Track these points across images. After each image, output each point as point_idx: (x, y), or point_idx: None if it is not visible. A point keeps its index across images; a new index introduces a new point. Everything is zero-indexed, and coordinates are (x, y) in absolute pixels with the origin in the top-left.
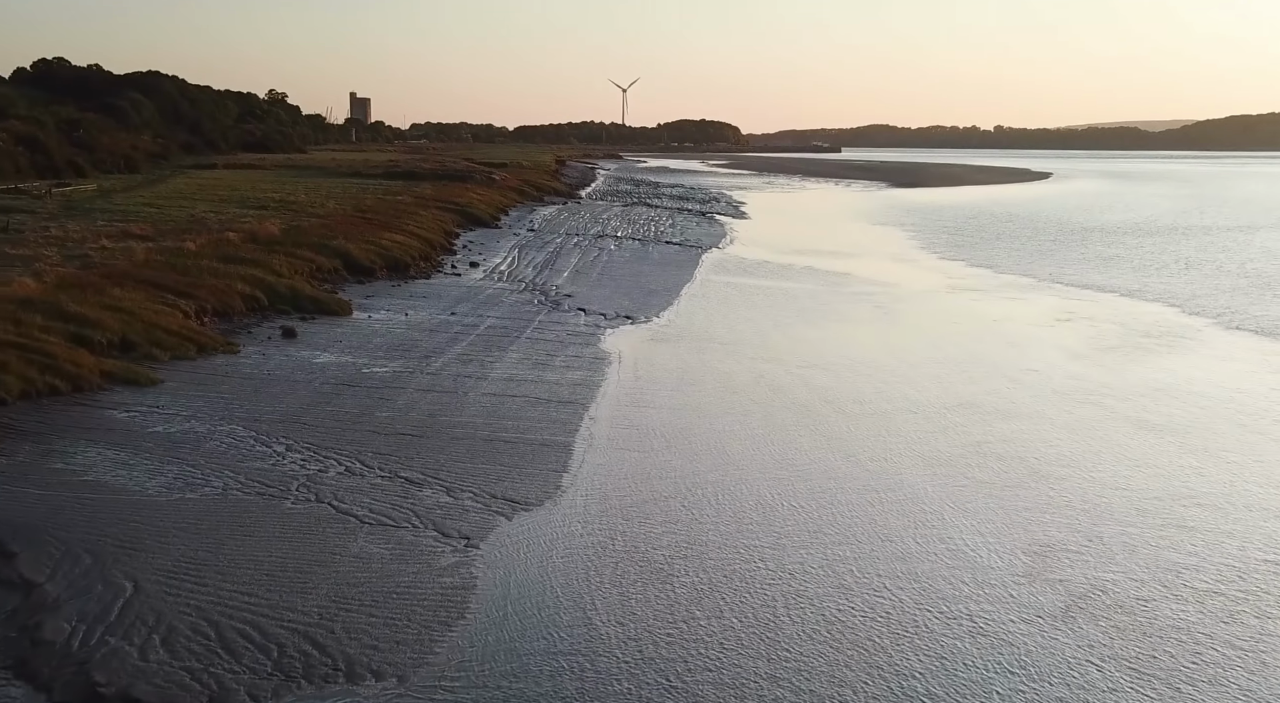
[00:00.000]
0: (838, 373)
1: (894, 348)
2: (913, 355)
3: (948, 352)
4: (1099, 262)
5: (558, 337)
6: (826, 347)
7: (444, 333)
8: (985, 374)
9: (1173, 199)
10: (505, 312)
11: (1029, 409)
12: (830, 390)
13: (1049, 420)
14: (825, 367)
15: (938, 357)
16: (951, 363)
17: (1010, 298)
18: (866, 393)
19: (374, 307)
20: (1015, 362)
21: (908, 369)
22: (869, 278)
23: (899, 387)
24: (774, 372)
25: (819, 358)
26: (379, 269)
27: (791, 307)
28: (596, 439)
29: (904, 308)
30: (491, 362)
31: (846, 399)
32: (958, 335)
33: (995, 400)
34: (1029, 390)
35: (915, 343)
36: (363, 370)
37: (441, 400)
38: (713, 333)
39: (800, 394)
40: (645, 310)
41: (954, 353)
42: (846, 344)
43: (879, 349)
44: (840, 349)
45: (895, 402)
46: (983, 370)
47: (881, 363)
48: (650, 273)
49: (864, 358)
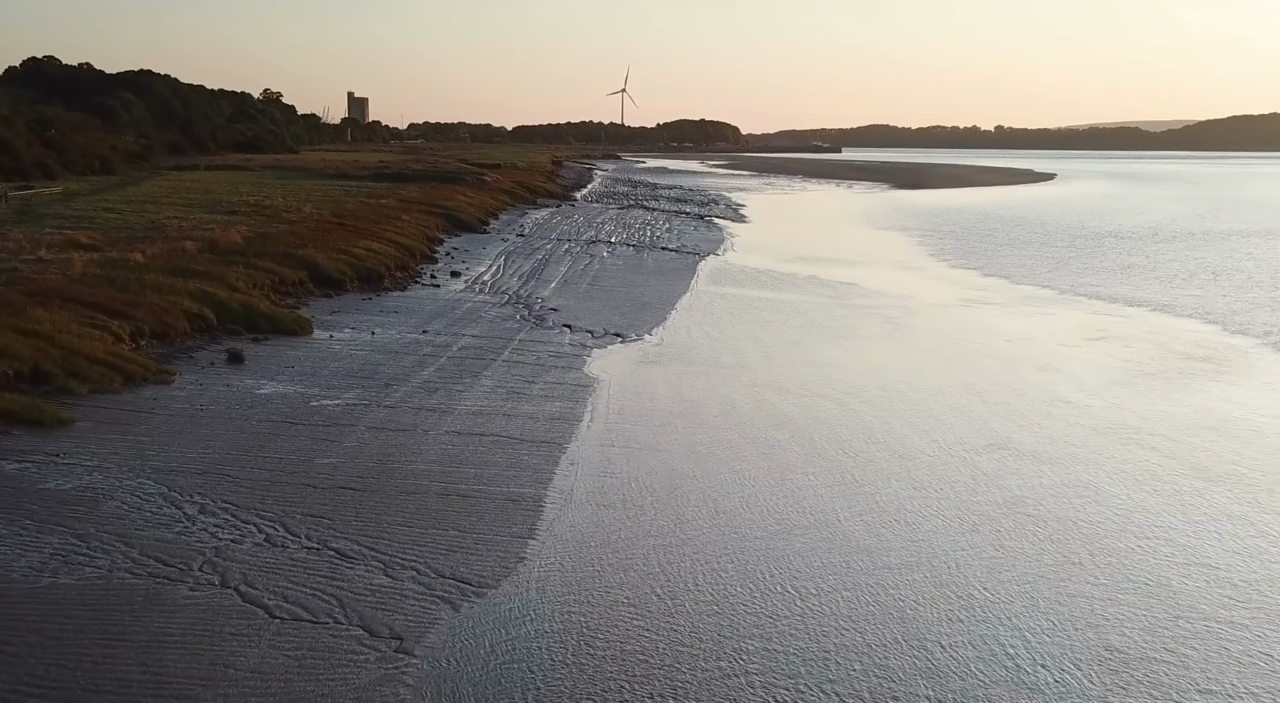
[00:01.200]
0: (848, 404)
1: (909, 372)
2: (930, 381)
3: (969, 377)
4: (1120, 271)
5: (538, 359)
6: (834, 370)
7: (411, 355)
8: (1014, 406)
9: (1182, 201)
10: (484, 329)
11: (1069, 452)
12: (840, 427)
13: (1095, 467)
14: (833, 395)
15: (958, 383)
16: (974, 391)
17: (1031, 313)
18: (881, 430)
19: (338, 324)
20: (1046, 390)
21: (926, 399)
22: (876, 289)
23: (917, 422)
24: (776, 402)
25: (826, 384)
26: (349, 281)
27: (795, 322)
28: (572, 492)
29: (916, 324)
30: (460, 391)
31: (859, 438)
32: (978, 357)
33: (1029, 440)
34: (1066, 427)
35: (932, 366)
36: (311, 404)
37: (396, 442)
38: (710, 353)
39: (806, 432)
40: (637, 327)
41: (976, 379)
42: (856, 367)
43: (892, 373)
44: (849, 373)
45: (914, 441)
46: (1011, 401)
47: (896, 390)
48: (644, 283)
49: (876, 384)
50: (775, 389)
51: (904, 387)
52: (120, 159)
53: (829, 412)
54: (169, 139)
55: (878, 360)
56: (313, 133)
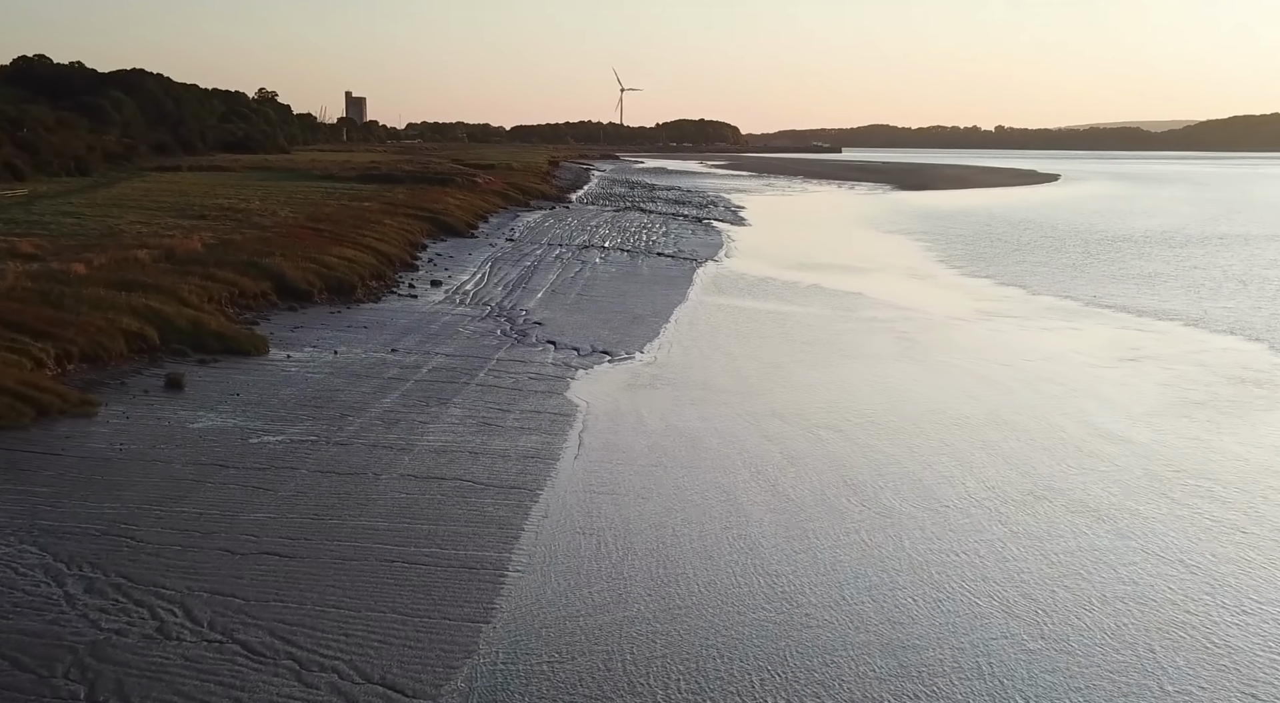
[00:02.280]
0: (859, 439)
1: (927, 399)
2: (953, 410)
3: (995, 405)
4: (1142, 280)
5: (516, 382)
6: (844, 396)
7: (375, 378)
8: (1050, 442)
9: (1193, 203)
10: (459, 347)
11: (1124, 504)
12: (852, 470)
13: (1157, 525)
14: (845, 428)
15: (984, 414)
16: (1004, 424)
17: (1054, 328)
18: (899, 474)
19: (298, 342)
20: (1084, 421)
21: (948, 433)
22: (885, 299)
23: (940, 463)
24: (779, 435)
25: (836, 413)
26: (317, 292)
27: (798, 337)
28: (539, 556)
29: (931, 340)
30: (424, 423)
31: (874, 484)
32: (1002, 380)
33: (1073, 487)
34: (1114, 470)
35: (951, 391)
36: (250, 441)
37: (341, 489)
38: (706, 375)
39: (814, 477)
40: (627, 343)
41: (1003, 407)
42: (867, 392)
43: (908, 400)
44: (862, 400)
45: (939, 489)
46: (1045, 436)
47: (915, 421)
48: (637, 293)
49: (891, 415)
50: (778, 419)
51: (923, 417)
52: (98, 159)
53: (839, 450)
54: (154, 139)
55: (891, 384)
56: (307, 133)
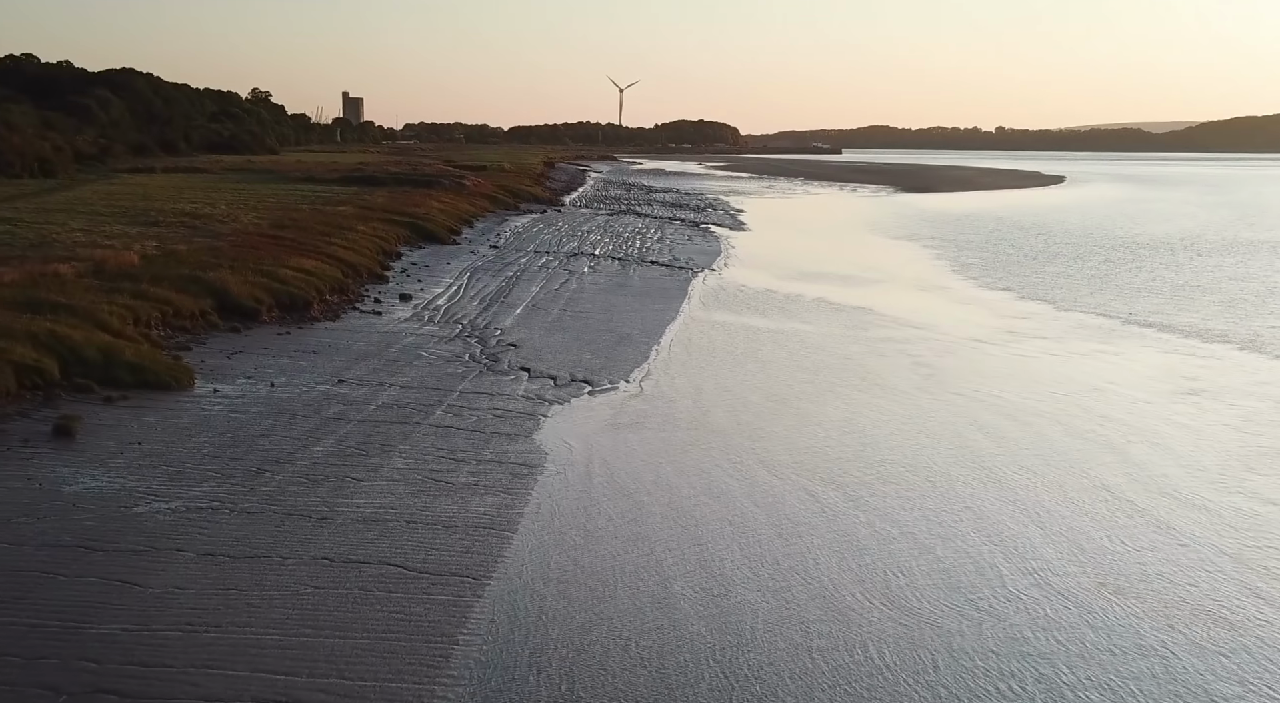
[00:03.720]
0: (874, 505)
1: (952, 446)
2: (982, 462)
3: (1033, 455)
4: (1176, 293)
5: (478, 421)
6: (854, 442)
7: (311, 418)
8: (1107, 511)
9: (1206, 207)
10: (418, 375)
11: (1212, 608)
12: (863, 553)
13: (1260, 647)
14: (854, 487)
15: (1020, 467)
16: (1046, 483)
17: (1091, 352)
18: (920, 558)
19: (232, 371)
20: (1153, 480)
21: (979, 495)
22: (897, 316)
23: (973, 539)
24: (788, 500)
25: (851, 465)
26: (265, 310)
27: (803, 363)
28: (475, 691)
29: (952, 368)
30: (358, 480)
31: (889, 574)
32: (1040, 422)
33: (1158, 575)
34: (1208, 552)
35: (981, 437)
36: (135, 510)
37: (231, 581)
38: (698, 411)
39: (816, 562)
40: (611, 369)
41: (1042, 458)
42: (882, 436)
43: (935, 450)
44: (874, 447)
45: (972, 581)
46: (1101, 502)
47: (937, 479)
48: (626, 308)
49: (911, 467)
50: (780, 471)
51: (946, 473)
52: (67, 161)
53: (847, 522)
54: (133, 140)
55: (908, 426)
56: (300, 133)
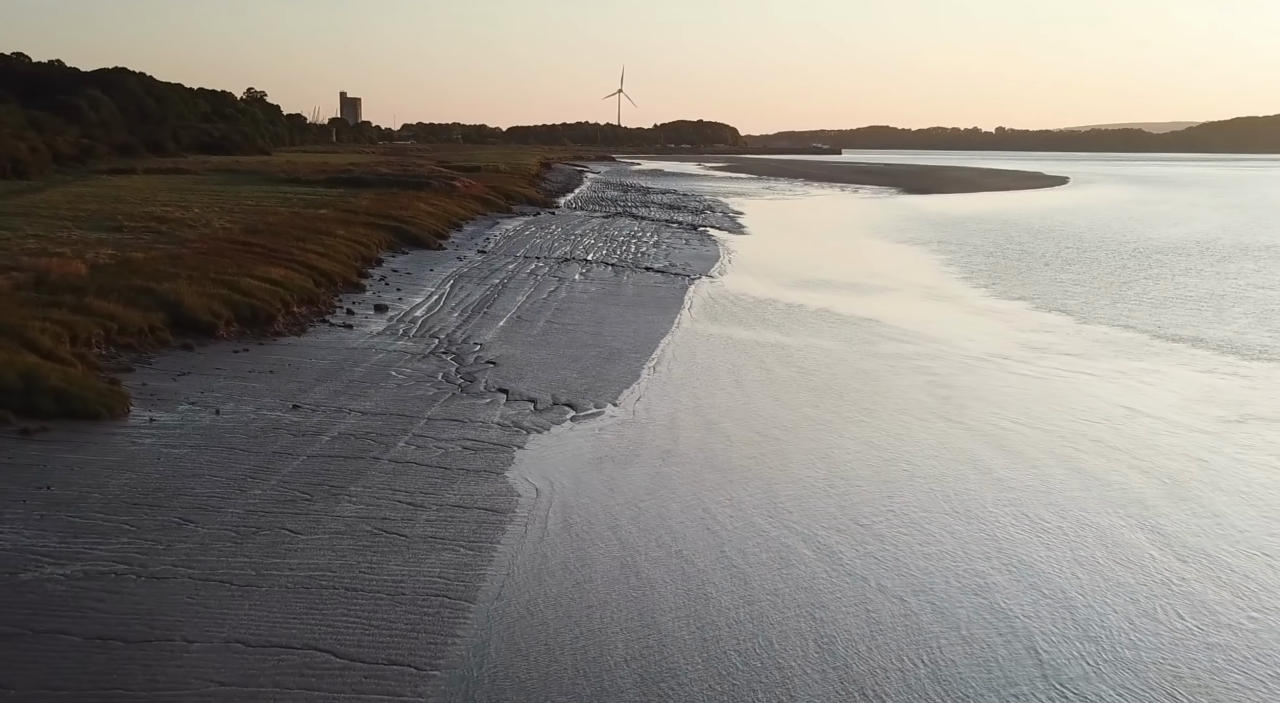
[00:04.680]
0: (885, 583)
1: (988, 490)
2: (1028, 511)
3: (1072, 504)
4: (1203, 303)
5: (444, 455)
6: (863, 482)
7: (255, 453)
8: (1191, 576)
9: (1216, 209)
10: (384, 399)
11: None
12: (912, 648)
13: None
14: (880, 540)
15: (1058, 519)
16: (1092, 539)
17: (1123, 372)
18: (968, 654)
19: (176, 396)
20: (1213, 534)
21: (1032, 556)
22: (907, 328)
23: (1044, 627)
24: (792, 559)
25: (866, 509)
26: (224, 324)
27: (809, 383)
28: None
29: (971, 389)
30: (295, 533)
31: (930, 673)
32: (1078, 457)
33: (1266, 679)
34: None
35: (1017, 475)
36: (22, 576)
37: (115, 676)
38: (694, 441)
39: (863, 665)
40: (598, 390)
41: (1083, 508)
42: (896, 474)
43: (964, 494)
44: (886, 488)
45: (1058, 692)
46: (1163, 562)
47: (967, 540)
48: (617, 319)
49: (932, 518)
50: (794, 527)
51: (990, 523)
52: (43, 162)
53: (877, 595)
54: (118, 139)
55: (926, 462)
56: (295, 134)
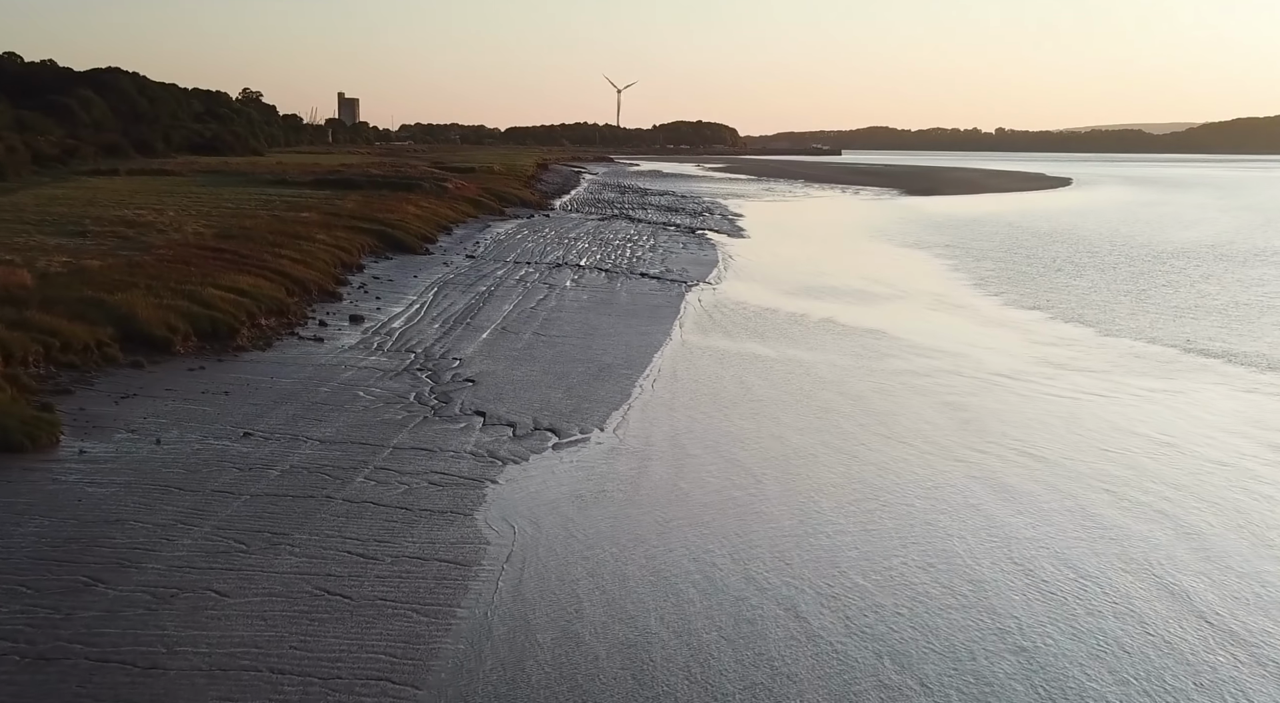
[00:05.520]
0: (924, 621)
1: (1008, 545)
2: (1080, 566)
3: (1131, 556)
4: (1229, 313)
5: (407, 493)
6: (875, 529)
7: (191, 492)
8: (1225, 678)
9: (1225, 211)
10: (347, 424)
11: None
12: None
13: None
14: (876, 626)
15: (1105, 574)
16: (1143, 624)
17: (1152, 391)
18: None
19: (114, 424)
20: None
21: (1047, 635)
22: (917, 341)
23: None
24: (802, 640)
25: (883, 568)
26: (180, 339)
27: (813, 404)
28: None
29: (991, 412)
30: (222, 596)
31: None
32: (1121, 490)
33: None
34: None
35: (1042, 522)
36: None
37: None
38: (688, 475)
39: None
40: (585, 412)
41: (1128, 562)
42: (913, 523)
43: (984, 546)
44: (903, 541)
45: None
46: (1220, 664)
47: (1006, 615)
48: (609, 331)
49: (977, 578)
50: (805, 586)
51: (1014, 602)
52: (21, 163)
53: (907, 681)
54: (106, 140)
55: (949, 504)
56: (290, 134)
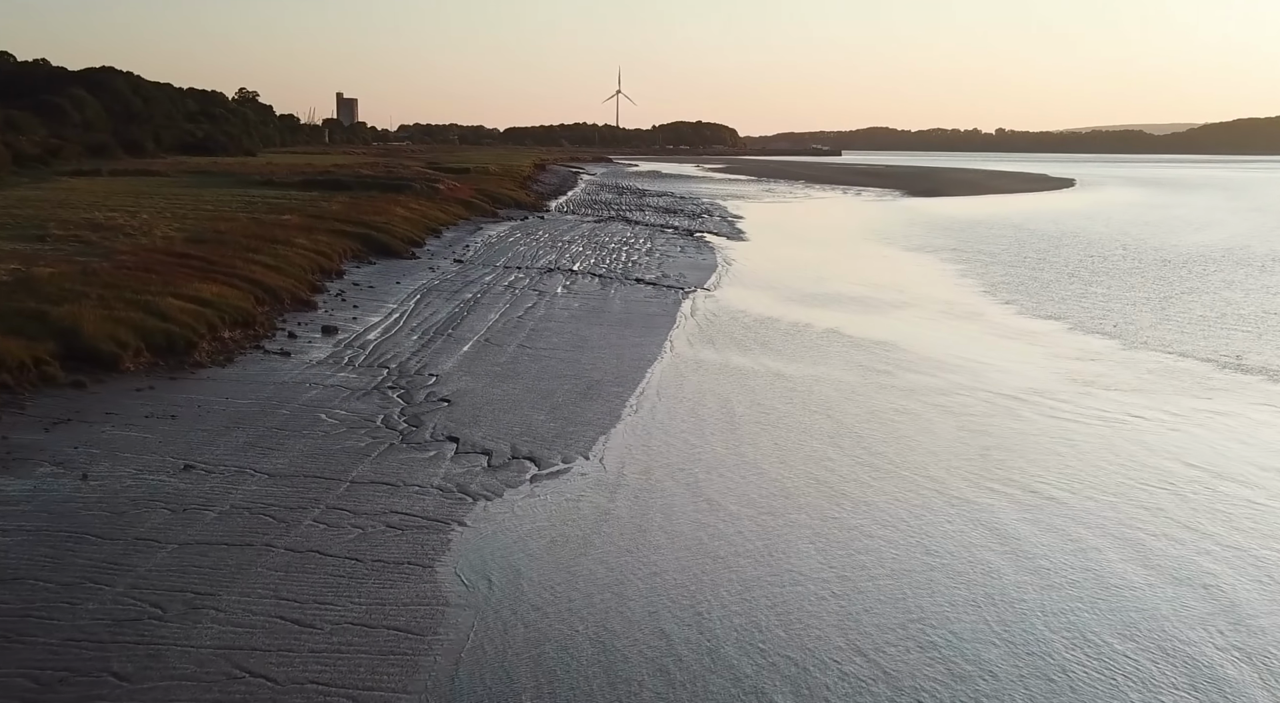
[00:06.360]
0: None
1: (1041, 612)
2: (1085, 628)
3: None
4: (1260, 324)
5: (359, 539)
6: (889, 593)
7: (110, 541)
8: None
9: (1235, 213)
10: (303, 453)
11: None
12: None
13: None
14: None
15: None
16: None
17: (1193, 413)
18: None
19: (39, 454)
20: None
21: None
22: (928, 354)
23: None
24: None
25: (908, 633)
26: (130, 355)
27: (817, 429)
28: None
29: (1014, 437)
30: (120, 682)
31: None
32: (1166, 551)
33: None
34: None
35: (1082, 579)
36: None
37: None
38: (682, 514)
39: None
40: (569, 436)
41: (1186, 648)
42: (932, 582)
43: (1012, 617)
44: (920, 605)
45: None
46: None
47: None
48: (600, 342)
49: (1038, 643)
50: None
51: (1046, 678)
52: (1, 163)
53: None
54: (93, 140)
55: (983, 537)
56: (286, 134)
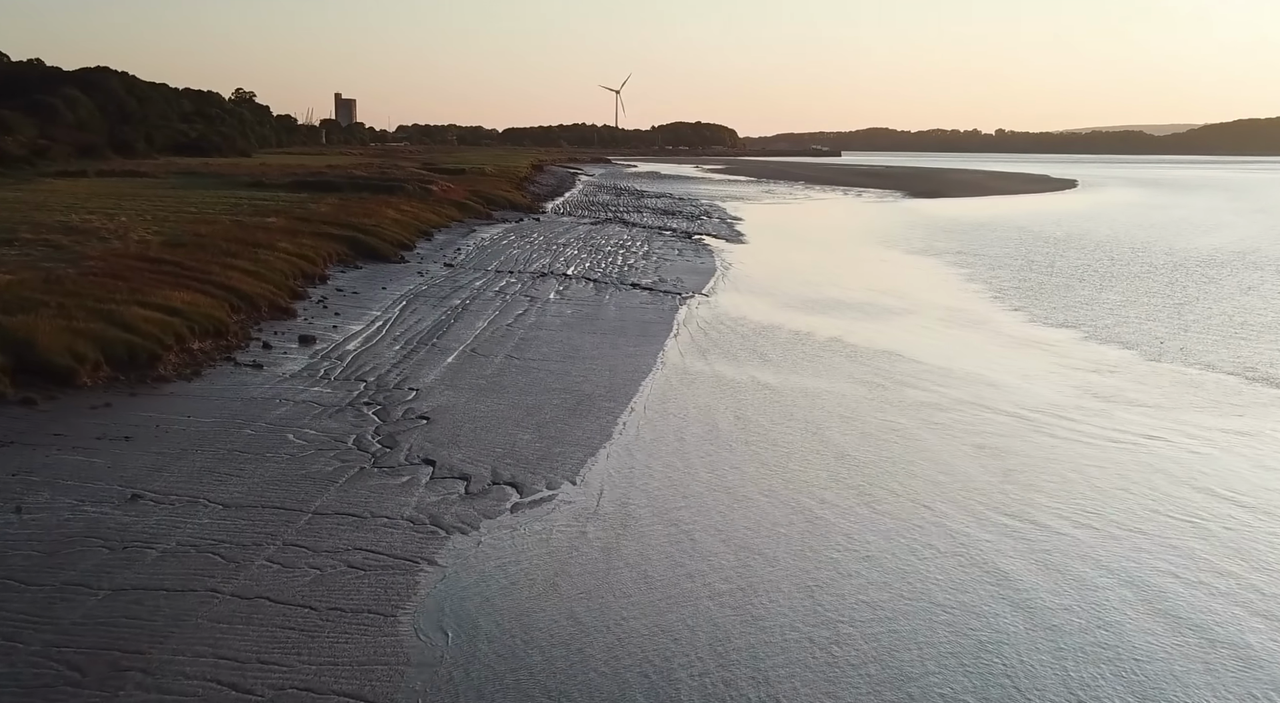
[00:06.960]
0: None
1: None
2: None
3: None
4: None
5: (315, 583)
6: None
7: (35, 586)
8: None
9: (1240, 214)
10: (264, 479)
11: None
12: None
13: None
14: None
15: None
16: None
17: (1223, 431)
18: None
19: None
20: None
21: None
22: (936, 365)
23: None
24: None
25: (896, 697)
26: (89, 369)
27: (821, 450)
28: None
29: (1033, 459)
30: None
31: None
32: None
33: None
34: None
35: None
36: None
37: None
38: (674, 548)
39: None
40: (555, 459)
41: None
42: (946, 614)
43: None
44: (938, 642)
45: None
46: None
47: None
48: (592, 353)
49: None
50: None
51: None
52: None
53: None
54: (83, 140)
55: (988, 586)
56: (283, 135)
